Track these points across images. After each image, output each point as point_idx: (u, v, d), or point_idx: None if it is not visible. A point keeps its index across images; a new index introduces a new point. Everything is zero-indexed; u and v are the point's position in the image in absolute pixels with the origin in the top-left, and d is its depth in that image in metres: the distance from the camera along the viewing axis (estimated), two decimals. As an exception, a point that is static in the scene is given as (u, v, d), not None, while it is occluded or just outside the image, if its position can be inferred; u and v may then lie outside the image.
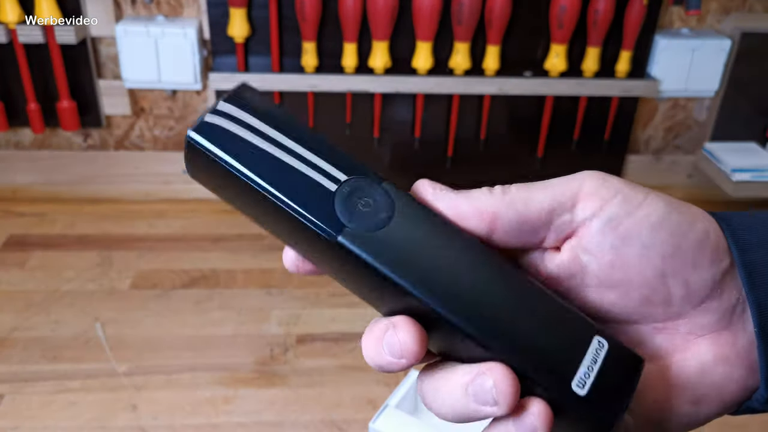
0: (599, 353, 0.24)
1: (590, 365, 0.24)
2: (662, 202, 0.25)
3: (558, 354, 0.24)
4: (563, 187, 0.25)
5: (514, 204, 0.25)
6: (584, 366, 0.24)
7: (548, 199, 0.25)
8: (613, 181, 0.26)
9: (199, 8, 1.17)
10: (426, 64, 1.16)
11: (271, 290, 1.04)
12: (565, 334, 0.24)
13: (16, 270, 1.06)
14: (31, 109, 1.17)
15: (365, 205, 0.25)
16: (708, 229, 0.25)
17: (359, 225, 0.24)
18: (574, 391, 0.23)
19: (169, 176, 1.29)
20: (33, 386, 0.85)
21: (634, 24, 1.16)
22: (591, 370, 0.24)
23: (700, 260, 0.25)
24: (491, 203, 0.25)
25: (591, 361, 0.24)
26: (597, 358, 0.24)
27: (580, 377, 0.23)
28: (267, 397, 0.85)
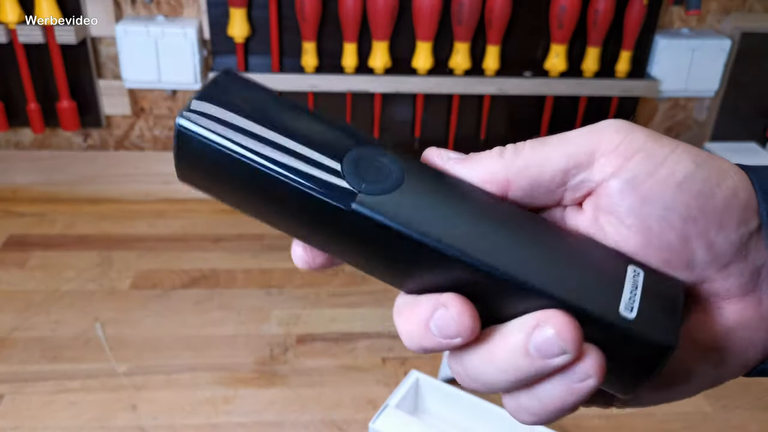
0: (637, 279, 0.23)
1: (632, 290, 0.23)
2: (688, 158, 0.23)
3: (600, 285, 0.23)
4: (581, 143, 0.24)
5: (528, 168, 0.24)
6: (627, 291, 0.23)
7: (564, 159, 0.24)
8: (636, 134, 0.24)
9: (199, 8, 1.17)
10: (426, 64, 1.16)
11: (271, 290, 1.04)
12: (600, 267, 0.23)
13: (15, 270, 1.06)
14: (31, 109, 1.17)
15: (374, 171, 0.23)
16: (737, 187, 0.23)
17: (372, 189, 0.23)
18: (623, 315, 0.22)
19: (169, 176, 1.29)
20: (33, 386, 0.85)
21: (634, 24, 1.16)
22: (634, 294, 0.23)
23: (726, 222, 0.23)
24: (503, 169, 0.24)
25: (632, 286, 0.23)
26: (637, 283, 0.23)
27: (626, 302, 0.22)
28: (267, 397, 0.85)
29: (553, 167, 0.24)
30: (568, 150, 0.24)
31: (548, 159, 0.24)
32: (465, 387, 0.25)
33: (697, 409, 0.86)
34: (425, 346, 0.23)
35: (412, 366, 0.89)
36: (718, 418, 0.85)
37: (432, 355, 0.92)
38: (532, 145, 0.24)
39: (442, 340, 0.22)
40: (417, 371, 0.80)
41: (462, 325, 0.22)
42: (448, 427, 0.80)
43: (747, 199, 0.23)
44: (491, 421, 0.76)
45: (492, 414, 0.76)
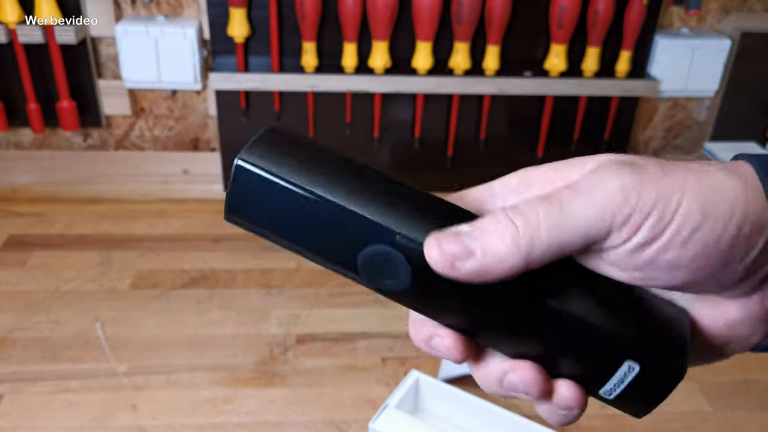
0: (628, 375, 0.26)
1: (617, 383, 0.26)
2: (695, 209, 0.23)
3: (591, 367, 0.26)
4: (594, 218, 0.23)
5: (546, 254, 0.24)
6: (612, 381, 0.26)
7: (582, 239, 0.24)
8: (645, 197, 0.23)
9: (199, 8, 1.17)
10: (426, 64, 1.16)
11: (271, 290, 1.04)
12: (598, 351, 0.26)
13: (15, 270, 1.06)
14: (31, 109, 1.17)
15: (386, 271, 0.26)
16: (743, 221, 0.23)
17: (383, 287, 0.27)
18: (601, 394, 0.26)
19: (169, 176, 1.29)
20: (33, 386, 0.85)
21: (634, 24, 1.16)
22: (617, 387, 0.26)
23: (730, 260, 0.24)
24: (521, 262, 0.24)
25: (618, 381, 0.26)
26: (625, 379, 0.26)
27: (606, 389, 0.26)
28: (267, 397, 0.85)
29: (573, 248, 0.24)
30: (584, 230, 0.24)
31: (566, 243, 0.24)
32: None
33: (697, 409, 0.86)
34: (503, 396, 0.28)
35: (412, 366, 0.89)
36: (718, 418, 0.85)
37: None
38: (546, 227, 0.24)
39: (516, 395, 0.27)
40: (417, 371, 0.80)
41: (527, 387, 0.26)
42: (448, 427, 0.80)
43: (751, 230, 0.24)
44: (491, 421, 0.76)
45: (492, 414, 0.76)
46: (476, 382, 0.28)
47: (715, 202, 0.23)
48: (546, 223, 0.24)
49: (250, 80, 1.16)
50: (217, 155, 1.28)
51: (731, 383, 0.90)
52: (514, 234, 0.24)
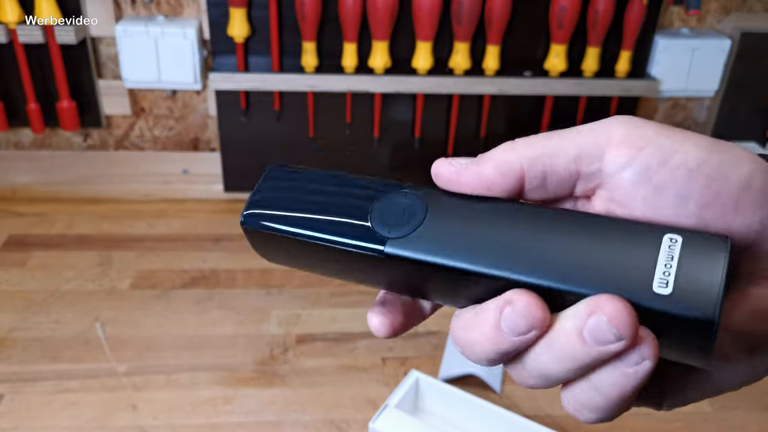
0: (674, 249, 0.23)
1: (667, 262, 0.22)
2: (701, 146, 0.23)
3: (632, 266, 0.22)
4: (591, 135, 0.24)
5: (541, 157, 0.25)
6: (660, 265, 0.22)
7: (575, 148, 0.24)
8: (646, 128, 0.24)
9: (199, 8, 1.17)
10: (426, 64, 1.16)
11: (271, 290, 1.04)
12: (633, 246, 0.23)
13: (15, 270, 1.06)
14: (31, 109, 1.17)
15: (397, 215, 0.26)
16: (752, 172, 0.23)
17: (398, 232, 0.25)
18: (657, 292, 0.22)
19: (169, 176, 1.29)
20: (33, 386, 0.85)
21: (634, 24, 1.16)
22: (669, 267, 0.22)
23: (743, 205, 0.23)
24: (517, 159, 0.25)
25: (667, 258, 0.22)
26: (673, 254, 0.22)
27: (659, 277, 0.22)
28: (267, 397, 0.85)
29: (567, 156, 0.24)
30: (578, 140, 0.24)
31: (561, 148, 0.24)
32: (522, 384, 0.25)
33: (697, 409, 0.86)
34: (500, 349, 0.23)
35: (412, 366, 0.89)
36: (718, 418, 0.85)
37: (432, 354, 0.92)
38: (542, 136, 0.25)
39: (516, 338, 0.23)
40: (417, 371, 0.80)
41: (533, 317, 0.22)
42: (448, 427, 0.80)
43: (763, 184, 0.23)
44: (491, 421, 0.76)
45: (492, 414, 0.76)
46: (477, 381, 0.27)
47: (721, 147, 0.23)
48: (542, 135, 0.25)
49: (250, 80, 1.16)
50: (217, 155, 1.28)
51: (731, 383, 0.90)
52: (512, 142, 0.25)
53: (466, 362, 0.86)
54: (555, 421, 0.83)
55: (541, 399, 0.86)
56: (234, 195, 1.29)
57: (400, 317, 0.28)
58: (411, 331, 1.01)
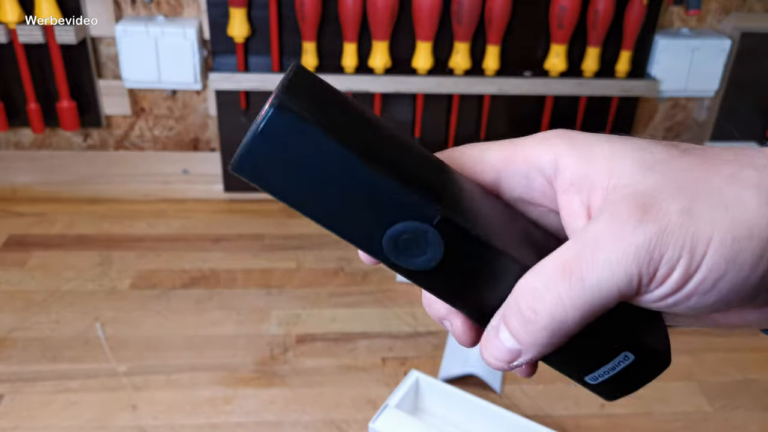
0: (621, 364, 0.26)
1: (607, 371, 0.26)
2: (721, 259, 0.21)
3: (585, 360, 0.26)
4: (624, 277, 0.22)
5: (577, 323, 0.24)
6: (601, 370, 0.26)
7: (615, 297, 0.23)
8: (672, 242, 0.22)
9: (199, 8, 1.17)
10: (426, 64, 1.16)
11: (271, 290, 1.04)
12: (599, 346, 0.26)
13: (15, 270, 1.06)
14: (31, 109, 1.17)
15: (413, 248, 0.25)
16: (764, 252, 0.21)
17: (410, 265, 0.25)
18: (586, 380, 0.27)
19: (169, 176, 1.29)
20: (33, 386, 0.85)
21: (634, 24, 1.16)
22: (605, 375, 0.26)
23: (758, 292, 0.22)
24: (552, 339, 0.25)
25: (609, 369, 0.26)
26: (616, 368, 0.26)
27: (593, 375, 0.26)
28: (267, 397, 0.85)
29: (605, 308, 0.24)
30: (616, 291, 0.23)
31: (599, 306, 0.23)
32: None
33: (697, 409, 0.86)
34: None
35: (412, 366, 0.89)
36: (718, 418, 0.85)
37: (432, 354, 0.92)
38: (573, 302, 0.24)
39: None
40: (417, 371, 0.80)
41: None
42: (448, 427, 0.80)
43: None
44: (491, 421, 0.76)
45: (492, 414, 0.76)
46: (477, 381, 0.30)
47: (744, 246, 0.21)
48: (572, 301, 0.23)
49: (250, 80, 1.16)
50: (217, 155, 1.28)
51: (731, 383, 0.90)
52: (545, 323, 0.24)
53: (466, 362, 0.86)
54: (555, 421, 0.83)
55: (541, 399, 0.86)
56: (234, 195, 1.29)
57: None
58: (411, 331, 1.01)
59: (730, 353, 0.95)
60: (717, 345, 0.96)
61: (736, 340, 0.97)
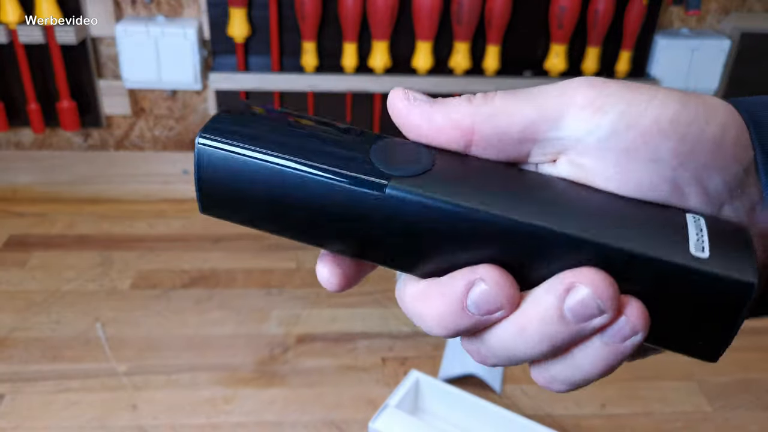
0: (699, 223, 0.22)
1: (698, 232, 0.21)
2: (672, 100, 0.22)
3: (661, 230, 0.21)
4: (554, 99, 0.22)
5: (496, 117, 0.23)
6: (692, 233, 0.21)
7: (534, 110, 0.22)
8: (611, 86, 0.22)
9: (199, 8, 1.17)
10: (426, 64, 1.16)
11: (271, 290, 1.04)
12: (656, 214, 0.22)
13: (16, 270, 1.06)
14: (32, 109, 1.17)
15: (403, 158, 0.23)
16: (726, 123, 0.22)
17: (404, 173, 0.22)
18: (696, 255, 0.21)
19: (169, 176, 1.29)
20: (33, 386, 0.85)
21: (634, 24, 1.16)
22: (701, 235, 0.21)
23: (718, 162, 0.22)
24: (468, 116, 0.23)
25: (697, 229, 0.21)
26: (701, 226, 0.22)
27: (694, 242, 0.21)
28: (267, 397, 0.85)
29: (523, 119, 0.23)
30: (540, 103, 0.22)
31: (518, 109, 0.23)
32: (481, 363, 0.23)
33: (697, 409, 0.86)
34: (460, 327, 0.21)
35: (412, 366, 0.89)
36: (718, 418, 0.85)
37: (432, 354, 0.92)
38: (503, 94, 0.23)
39: (482, 317, 0.21)
40: (417, 371, 0.80)
41: (504, 297, 0.21)
42: (448, 427, 0.80)
43: (737, 135, 0.22)
44: (491, 421, 0.76)
45: (492, 414, 0.76)
46: (477, 381, 0.26)
47: (694, 99, 0.22)
48: (502, 93, 0.23)
49: (250, 80, 1.16)
50: (217, 155, 1.28)
51: (731, 383, 0.90)
52: (470, 96, 0.23)
53: (466, 362, 0.86)
54: (555, 421, 0.83)
55: (541, 399, 0.86)
56: (234, 195, 1.29)
57: (353, 266, 0.25)
58: (411, 331, 1.01)
59: (730, 353, 0.94)
60: (717, 345, 0.96)
61: (736, 340, 0.97)
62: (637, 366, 0.89)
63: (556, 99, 0.22)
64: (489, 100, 0.23)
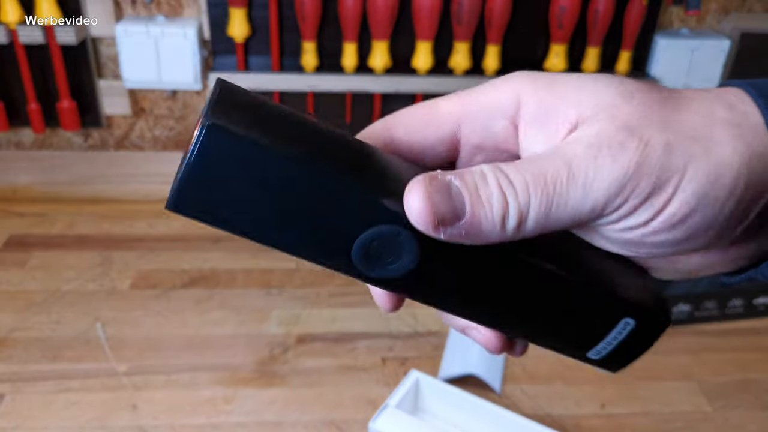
0: (623, 332, 0.25)
1: (609, 342, 0.25)
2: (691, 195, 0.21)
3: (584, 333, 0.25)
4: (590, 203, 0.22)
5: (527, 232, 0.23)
6: (604, 342, 0.25)
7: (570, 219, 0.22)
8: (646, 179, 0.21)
9: (199, 8, 1.17)
10: (426, 64, 1.16)
11: (271, 290, 1.04)
12: (593, 317, 0.25)
13: (16, 270, 1.06)
14: (32, 109, 1.17)
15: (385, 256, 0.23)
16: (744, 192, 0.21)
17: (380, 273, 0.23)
18: (589, 357, 0.26)
19: (169, 176, 1.29)
20: (33, 386, 0.85)
21: (633, 24, 1.16)
22: (608, 347, 0.25)
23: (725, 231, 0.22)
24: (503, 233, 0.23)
25: (611, 339, 0.25)
26: (618, 337, 0.25)
27: (596, 349, 0.25)
28: (267, 397, 0.85)
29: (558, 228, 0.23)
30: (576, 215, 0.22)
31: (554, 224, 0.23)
32: None
33: (697, 409, 0.86)
34: None
35: (412, 366, 0.89)
36: (718, 418, 0.85)
37: (432, 354, 0.92)
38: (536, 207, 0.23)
39: None
40: (417, 371, 0.80)
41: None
42: (448, 427, 0.80)
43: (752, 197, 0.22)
44: (491, 421, 0.76)
45: (492, 414, 0.76)
46: (477, 381, 0.30)
47: (716, 183, 0.21)
48: (536, 206, 0.22)
49: (250, 80, 1.16)
50: (217, 155, 1.28)
51: (731, 383, 0.90)
52: (503, 209, 0.22)
53: (466, 362, 0.86)
54: (555, 420, 0.83)
55: (541, 399, 0.86)
56: (234, 195, 1.29)
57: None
58: (411, 331, 1.01)
59: (730, 353, 0.95)
60: (717, 345, 0.96)
61: (736, 340, 0.97)
62: (637, 366, 0.88)
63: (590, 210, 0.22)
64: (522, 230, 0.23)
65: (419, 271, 0.23)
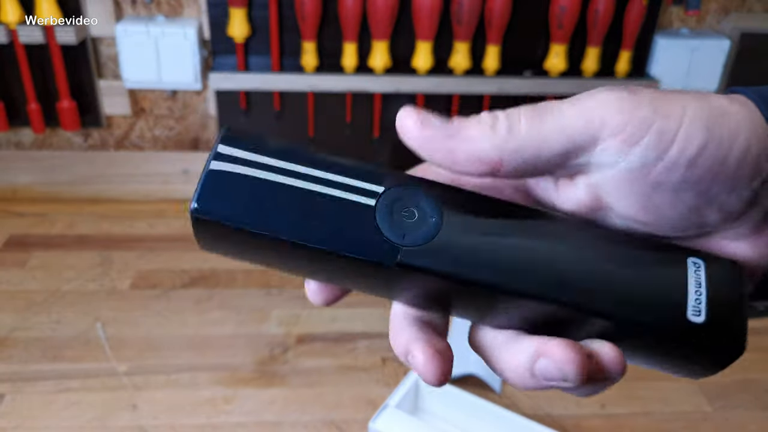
0: (699, 274, 0.22)
1: (697, 289, 0.22)
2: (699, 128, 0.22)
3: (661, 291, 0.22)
4: (581, 122, 0.22)
5: (524, 150, 0.22)
6: (691, 292, 0.22)
7: (563, 141, 0.22)
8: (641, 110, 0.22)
9: (199, 8, 1.17)
10: (426, 64, 1.16)
11: (271, 290, 1.04)
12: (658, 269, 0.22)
13: (16, 270, 1.06)
14: (32, 109, 1.17)
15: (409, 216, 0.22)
16: (749, 143, 0.22)
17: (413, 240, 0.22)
18: (692, 320, 0.22)
19: (169, 176, 1.29)
20: (33, 386, 0.85)
21: (633, 24, 1.16)
22: (699, 294, 0.22)
23: (738, 181, 0.22)
24: (495, 150, 0.22)
25: (696, 285, 0.22)
26: (700, 280, 0.22)
27: (692, 305, 0.22)
28: (267, 397, 0.85)
29: (552, 150, 0.22)
30: (567, 131, 0.22)
31: (546, 141, 0.22)
32: None
33: (697, 409, 0.86)
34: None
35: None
36: (718, 418, 0.85)
37: (432, 354, 0.92)
38: (527, 120, 0.22)
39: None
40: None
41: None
42: (448, 427, 0.80)
43: (758, 153, 0.22)
44: (491, 421, 0.76)
45: (492, 414, 0.76)
46: (477, 381, 0.28)
47: (719, 122, 0.22)
48: (527, 117, 0.22)
49: (250, 80, 1.16)
50: (217, 155, 1.28)
51: (731, 383, 0.90)
52: (492, 121, 0.22)
53: (466, 362, 0.86)
54: (555, 420, 0.83)
55: (541, 399, 0.86)
56: (234, 195, 1.29)
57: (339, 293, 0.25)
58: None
59: (729, 353, 0.95)
60: (717, 345, 0.96)
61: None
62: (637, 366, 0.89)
63: (587, 123, 0.22)
64: (515, 131, 0.22)
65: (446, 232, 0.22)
